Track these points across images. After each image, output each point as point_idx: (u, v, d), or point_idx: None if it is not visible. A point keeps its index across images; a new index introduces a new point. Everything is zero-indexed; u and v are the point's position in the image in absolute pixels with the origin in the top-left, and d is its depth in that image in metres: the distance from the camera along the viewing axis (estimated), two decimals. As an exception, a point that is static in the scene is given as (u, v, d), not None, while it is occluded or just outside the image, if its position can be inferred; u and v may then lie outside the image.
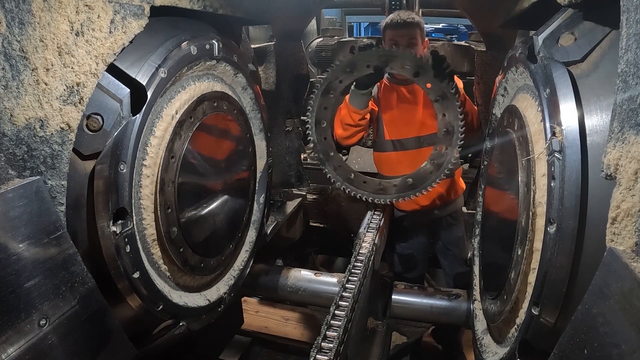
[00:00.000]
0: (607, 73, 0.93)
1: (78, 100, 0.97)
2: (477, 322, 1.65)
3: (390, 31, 2.15)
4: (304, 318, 2.84)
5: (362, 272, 1.60)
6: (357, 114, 2.06)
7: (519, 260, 1.15)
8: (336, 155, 2.06)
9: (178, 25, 1.35)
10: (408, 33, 2.11)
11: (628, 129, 0.66)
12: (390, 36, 2.15)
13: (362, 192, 2.08)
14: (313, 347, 1.21)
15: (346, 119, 2.10)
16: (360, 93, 1.99)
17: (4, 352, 0.81)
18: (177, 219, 1.37)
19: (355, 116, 2.06)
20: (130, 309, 1.22)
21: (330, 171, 2.07)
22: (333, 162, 2.06)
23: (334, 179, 2.08)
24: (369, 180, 2.10)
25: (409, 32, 2.11)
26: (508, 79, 1.46)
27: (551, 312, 0.97)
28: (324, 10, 4.72)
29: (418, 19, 2.16)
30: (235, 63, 1.65)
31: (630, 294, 0.62)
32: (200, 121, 1.44)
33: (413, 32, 2.12)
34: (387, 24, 2.18)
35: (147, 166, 1.26)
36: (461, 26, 10.50)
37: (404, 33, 2.11)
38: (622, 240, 0.66)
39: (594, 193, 0.90)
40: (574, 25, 1.06)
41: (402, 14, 2.16)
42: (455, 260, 2.49)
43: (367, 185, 2.09)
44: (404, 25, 2.11)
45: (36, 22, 0.86)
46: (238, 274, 1.87)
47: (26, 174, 0.89)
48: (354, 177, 2.08)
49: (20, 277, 0.84)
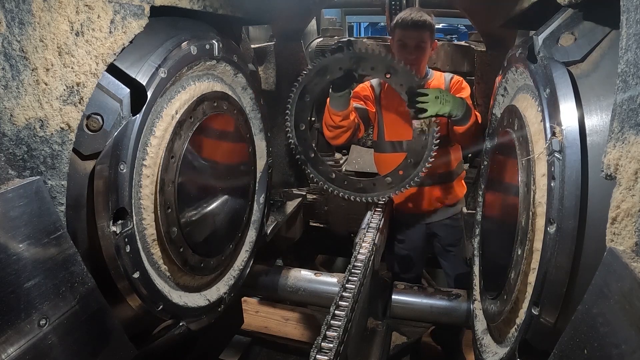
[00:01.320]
0: (607, 73, 0.93)
1: (78, 100, 0.97)
2: (477, 322, 1.65)
3: (400, 31, 2.10)
4: (304, 318, 2.84)
5: (362, 272, 1.60)
6: (337, 116, 2.04)
7: (519, 260, 1.15)
8: (317, 157, 2.13)
9: (178, 25, 1.35)
10: (417, 35, 2.07)
11: (628, 129, 0.66)
12: (398, 36, 2.11)
13: (343, 191, 2.14)
14: (313, 347, 1.21)
15: (328, 121, 2.10)
16: (337, 95, 1.97)
17: (4, 352, 0.81)
18: (177, 219, 1.37)
19: (335, 118, 2.05)
20: (130, 309, 1.22)
21: (313, 171, 2.14)
22: (314, 162, 2.13)
23: (316, 179, 2.14)
24: (349, 180, 2.16)
25: (418, 34, 2.07)
26: (508, 79, 1.46)
27: (551, 312, 0.97)
28: (324, 10, 4.72)
29: (429, 21, 2.09)
30: (235, 63, 1.65)
31: (630, 294, 0.62)
32: (200, 121, 1.44)
33: (422, 35, 2.07)
34: (397, 23, 2.12)
35: (147, 166, 1.26)
36: (461, 26, 10.49)
37: (413, 35, 2.07)
38: (622, 240, 0.66)
39: (594, 193, 0.90)
40: (574, 25, 1.06)
41: (414, 14, 2.08)
42: (455, 260, 2.48)
43: (348, 185, 2.15)
44: (413, 27, 2.06)
45: (36, 22, 0.86)
46: (238, 274, 1.87)
47: (26, 174, 0.88)
48: (335, 176, 2.15)
49: (20, 277, 0.84)
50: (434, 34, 2.15)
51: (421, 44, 2.09)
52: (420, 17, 2.08)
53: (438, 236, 2.48)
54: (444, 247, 2.49)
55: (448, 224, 2.44)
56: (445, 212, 2.41)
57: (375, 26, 13.22)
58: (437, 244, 2.51)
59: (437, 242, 2.51)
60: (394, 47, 2.17)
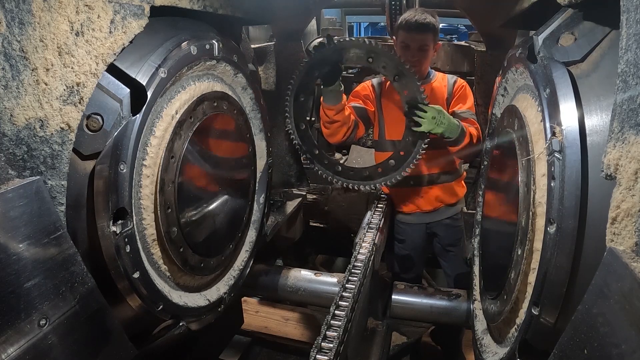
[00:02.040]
0: (607, 73, 0.93)
1: (78, 100, 0.97)
2: (477, 322, 1.65)
3: (403, 33, 2.08)
4: (304, 318, 2.84)
5: (362, 272, 1.60)
6: (330, 110, 2.05)
7: (519, 260, 1.15)
8: (321, 153, 2.19)
9: (178, 25, 1.35)
10: (420, 38, 2.06)
11: (628, 129, 0.66)
12: (401, 37, 2.10)
13: (352, 182, 2.20)
14: (313, 347, 1.21)
15: (323, 117, 2.12)
16: (329, 90, 1.98)
17: (4, 352, 0.81)
18: (177, 219, 1.37)
19: (329, 112, 2.06)
20: (130, 309, 1.22)
21: (320, 167, 2.20)
22: (320, 159, 2.20)
23: (324, 174, 2.20)
24: (355, 170, 2.22)
25: (421, 37, 2.06)
26: (508, 79, 1.46)
27: (551, 312, 0.97)
28: (324, 10, 4.72)
29: (433, 23, 2.07)
30: (235, 63, 1.65)
31: (630, 294, 0.62)
32: (200, 121, 1.44)
33: (425, 38, 2.06)
34: (400, 24, 2.11)
35: (147, 166, 1.26)
36: (461, 26, 10.49)
37: (416, 37, 2.06)
38: (622, 240, 0.66)
39: (594, 193, 0.90)
40: (574, 25, 1.06)
41: (417, 15, 2.06)
42: (455, 260, 2.48)
43: (355, 175, 2.21)
44: (416, 29, 2.04)
45: (36, 22, 0.86)
46: (238, 274, 1.87)
47: (26, 174, 0.88)
48: (341, 169, 2.21)
49: (20, 277, 0.84)
50: (437, 35, 2.13)
51: (424, 47, 2.08)
52: (424, 19, 2.06)
53: (438, 236, 2.48)
54: (444, 247, 2.48)
55: (448, 223, 2.44)
56: (445, 211, 2.41)
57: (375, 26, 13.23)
58: (437, 244, 2.51)
59: (437, 242, 2.51)
60: (397, 48, 2.16)
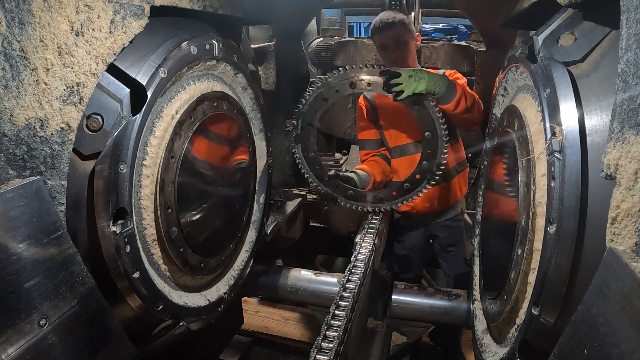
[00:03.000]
0: (607, 73, 0.93)
1: (78, 100, 0.97)
2: (477, 322, 1.65)
3: (377, 36, 2.14)
4: (304, 318, 2.84)
5: (362, 272, 1.60)
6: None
7: (519, 260, 1.15)
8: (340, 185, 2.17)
9: (178, 25, 1.35)
10: (393, 33, 2.10)
11: (628, 129, 0.66)
12: (378, 41, 2.15)
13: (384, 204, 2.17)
14: (313, 347, 1.21)
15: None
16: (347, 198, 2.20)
17: (4, 352, 0.81)
18: (177, 219, 1.37)
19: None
20: (130, 309, 1.22)
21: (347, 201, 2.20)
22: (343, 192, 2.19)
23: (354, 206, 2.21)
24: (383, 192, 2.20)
25: (393, 32, 2.09)
26: (508, 79, 1.46)
27: (551, 312, 0.97)
28: (324, 10, 4.71)
29: (400, 17, 2.12)
30: (235, 63, 1.65)
31: (630, 294, 0.62)
32: (200, 121, 1.44)
33: (398, 32, 2.10)
34: (372, 30, 2.17)
35: (147, 166, 1.26)
36: (461, 26, 10.50)
37: (389, 34, 2.10)
38: (622, 240, 0.66)
39: (594, 193, 0.90)
40: (574, 25, 1.06)
41: (383, 16, 2.13)
42: (455, 261, 2.48)
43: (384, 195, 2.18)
44: (385, 27, 2.09)
45: (36, 22, 0.86)
46: (238, 274, 1.87)
47: (26, 174, 0.88)
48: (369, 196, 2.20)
49: (20, 277, 0.84)
50: (410, 27, 2.15)
51: (400, 40, 2.10)
52: (390, 16, 2.12)
53: (438, 237, 2.48)
54: (444, 248, 2.48)
55: (448, 225, 2.43)
56: (445, 213, 2.40)
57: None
58: (437, 245, 2.51)
59: (436, 243, 2.50)
60: (379, 54, 2.21)
